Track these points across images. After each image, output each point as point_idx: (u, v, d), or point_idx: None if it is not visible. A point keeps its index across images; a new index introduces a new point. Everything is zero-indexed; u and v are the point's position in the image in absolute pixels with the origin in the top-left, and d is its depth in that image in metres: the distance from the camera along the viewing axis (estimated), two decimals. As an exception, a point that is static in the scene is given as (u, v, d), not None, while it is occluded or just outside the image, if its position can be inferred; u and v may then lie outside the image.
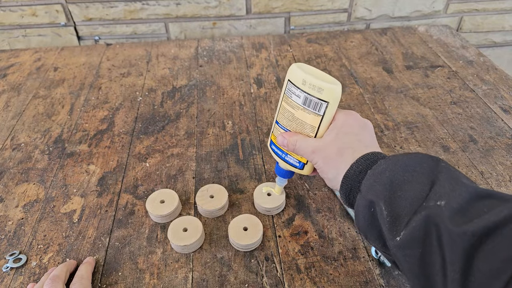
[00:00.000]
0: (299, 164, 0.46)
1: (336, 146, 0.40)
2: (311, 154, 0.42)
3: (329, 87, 0.40)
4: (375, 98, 0.81)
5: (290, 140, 0.44)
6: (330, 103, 0.40)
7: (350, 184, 0.38)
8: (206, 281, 0.49)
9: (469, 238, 0.27)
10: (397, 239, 0.31)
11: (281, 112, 0.45)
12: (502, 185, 0.60)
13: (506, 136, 0.70)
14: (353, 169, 0.38)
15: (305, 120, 0.42)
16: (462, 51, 0.96)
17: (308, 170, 0.47)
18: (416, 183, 0.32)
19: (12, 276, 0.50)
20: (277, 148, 0.48)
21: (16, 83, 0.88)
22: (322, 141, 0.42)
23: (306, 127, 0.43)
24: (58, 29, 1.05)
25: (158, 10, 1.04)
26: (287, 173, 0.51)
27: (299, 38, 1.04)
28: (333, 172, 0.40)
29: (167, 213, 0.55)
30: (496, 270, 0.25)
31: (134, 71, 0.91)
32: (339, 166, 0.39)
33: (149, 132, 0.73)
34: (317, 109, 0.41)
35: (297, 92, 0.42)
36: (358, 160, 0.38)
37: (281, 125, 0.46)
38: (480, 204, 0.29)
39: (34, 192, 0.61)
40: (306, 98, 0.41)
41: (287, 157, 0.47)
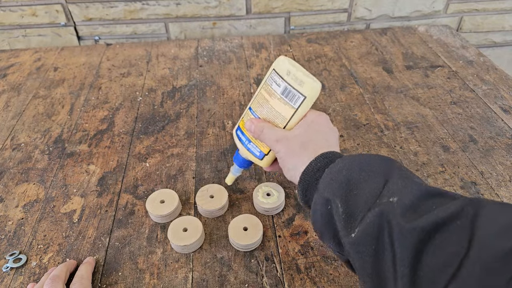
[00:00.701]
0: (259, 153, 0.46)
1: (301, 140, 0.41)
2: (275, 143, 0.42)
3: (310, 82, 0.41)
4: (375, 98, 0.81)
5: (258, 126, 0.44)
6: (307, 98, 0.42)
7: (308, 180, 0.38)
8: (206, 281, 0.49)
9: (419, 233, 0.28)
10: (351, 235, 0.32)
11: (257, 99, 0.46)
12: (502, 185, 0.60)
13: (506, 136, 0.70)
14: (312, 166, 0.39)
15: (279, 110, 0.43)
16: (462, 51, 0.96)
17: (266, 162, 0.47)
18: (371, 182, 0.33)
19: (12, 276, 0.50)
20: (242, 134, 0.47)
21: (16, 83, 0.88)
22: (289, 133, 0.43)
23: (278, 117, 0.43)
24: (58, 29, 1.05)
25: (158, 10, 1.04)
26: (245, 162, 0.50)
27: (299, 38, 1.04)
28: (294, 163, 0.40)
29: (167, 213, 0.55)
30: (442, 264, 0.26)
31: (134, 71, 0.91)
32: (300, 159, 0.40)
33: (149, 132, 0.73)
34: (293, 101, 0.42)
35: (278, 81, 0.42)
36: (317, 157, 0.39)
37: (254, 111, 0.46)
38: (430, 202, 0.30)
39: (34, 192, 0.61)
40: (286, 88, 0.42)
41: (250, 144, 0.47)
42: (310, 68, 0.91)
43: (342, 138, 0.70)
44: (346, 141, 0.70)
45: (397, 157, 0.66)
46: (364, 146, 0.69)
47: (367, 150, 0.68)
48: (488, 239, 0.26)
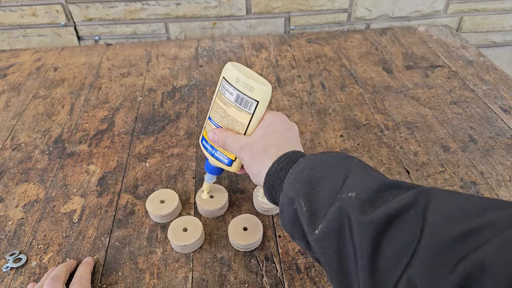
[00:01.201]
0: (227, 160, 0.47)
1: (262, 143, 0.42)
2: (239, 150, 0.43)
3: (259, 87, 0.42)
4: (375, 98, 0.81)
5: (220, 136, 0.45)
6: (260, 103, 0.43)
7: (272, 181, 0.39)
8: (206, 281, 0.49)
9: (375, 225, 0.28)
10: (315, 232, 0.33)
11: (214, 108, 0.46)
12: (502, 185, 0.60)
13: (506, 136, 0.70)
14: (274, 167, 0.39)
15: (236, 117, 0.44)
16: (462, 51, 0.96)
17: (236, 167, 0.48)
18: (332, 179, 0.34)
19: (12, 276, 0.50)
20: (208, 144, 0.48)
21: (16, 83, 0.88)
22: (250, 138, 0.43)
23: (237, 124, 0.44)
24: (58, 29, 1.05)
25: (158, 10, 1.04)
26: (216, 170, 0.51)
27: (299, 38, 1.04)
28: (258, 168, 0.41)
29: (167, 213, 0.55)
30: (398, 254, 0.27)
31: (134, 71, 0.91)
32: (263, 162, 0.41)
33: (149, 132, 0.73)
34: (247, 107, 0.43)
35: (230, 90, 0.43)
36: (279, 158, 0.40)
37: (214, 121, 0.47)
38: (387, 194, 0.31)
39: (34, 192, 0.61)
40: (238, 95, 0.43)
41: (217, 153, 0.48)
42: (310, 68, 0.91)
43: (342, 138, 0.70)
44: (346, 141, 0.70)
45: (397, 157, 0.66)
46: (364, 146, 0.69)
47: (367, 150, 0.68)
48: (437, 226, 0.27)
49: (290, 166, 0.38)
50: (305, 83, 0.86)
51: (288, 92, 0.83)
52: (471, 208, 0.27)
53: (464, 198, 0.28)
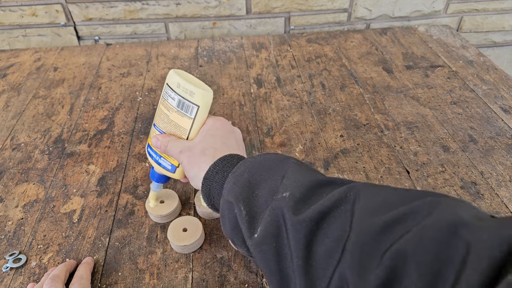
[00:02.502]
0: (171, 167, 0.47)
1: (200, 146, 0.42)
2: (179, 154, 0.43)
3: (200, 92, 0.42)
4: (375, 98, 0.81)
5: (162, 141, 0.45)
6: (201, 107, 0.43)
7: (209, 185, 0.39)
8: (206, 281, 0.49)
9: (307, 224, 0.28)
10: (254, 236, 0.32)
11: (158, 115, 0.47)
12: (502, 185, 0.60)
13: (506, 136, 0.70)
14: (211, 170, 0.39)
15: (179, 122, 0.44)
16: (462, 51, 0.96)
17: (179, 174, 0.47)
18: (270, 181, 0.34)
19: (12, 276, 0.50)
20: (152, 151, 0.48)
21: (16, 83, 0.88)
22: (190, 142, 0.44)
23: (179, 130, 0.45)
24: (58, 29, 1.05)
25: (158, 10, 1.04)
26: (161, 178, 0.50)
27: (299, 38, 1.04)
28: (195, 170, 0.41)
29: (167, 213, 0.55)
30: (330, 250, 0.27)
31: (134, 71, 0.91)
32: (200, 165, 0.40)
33: (149, 132, 0.73)
34: (189, 112, 0.43)
35: (172, 95, 0.44)
36: (216, 161, 0.39)
37: (158, 127, 0.47)
38: (321, 191, 0.31)
39: (34, 192, 0.61)
40: (180, 100, 0.43)
41: (161, 160, 0.47)
42: (310, 68, 0.91)
43: (342, 138, 0.70)
44: (346, 141, 0.70)
45: (397, 157, 0.66)
46: (364, 146, 0.69)
47: (367, 150, 0.68)
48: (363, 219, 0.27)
49: (227, 169, 0.38)
50: (305, 83, 0.86)
51: (288, 92, 0.83)
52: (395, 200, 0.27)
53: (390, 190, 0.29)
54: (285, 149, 0.68)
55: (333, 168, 0.64)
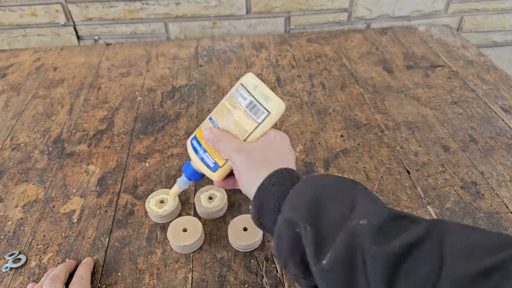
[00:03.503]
0: (214, 165, 0.44)
1: (263, 153, 0.40)
2: (234, 152, 0.41)
3: (276, 99, 0.41)
4: (375, 98, 0.81)
5: (216, 134, 0.42)
6: (271, 115, 0.41)
7: (264, 194, 0.37)
8: (206, 281, 0.48)
9: (391, 257, 0.28)
10: (323, 262, 0.30)
11: (219, 110, 0.45)
12: (502, 185, 0.60)
13: (507, 136, 0.70)
14: (268, 180, 0.37)
15: (242, 122, 0.42)
16: (462, 51, 0.96)
17: (220, 175, 0.44)
18: (338, 204, 0.33)
19: (12, 276, 0.50)
20: (198, 143, 0.46)
21: (15, 83, 0.88)
22: (249, 145, 0.41)
23: (239, 130, 0.43)
24: (58, 29, 1.05)
25: (157, 10, 1.04)
26: (195, 175, 0.47)
27: (299, 38, 1.04)
28: (252, 176, 0.39)
29: (167, 213, 0.55)
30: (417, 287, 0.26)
31: (133, 71, 0.91)
32: (258, 171, 0.39)
33: (148, 132, 0.73)
34: (257, 115, 0.42)
35: (245, 95, 0.42)
36: (276, 171, 0.38)
37: (214, 121, 0.45)
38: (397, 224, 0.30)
39: (33, 192, 0.61)
40: (252, 102, 0.42)
41: (204, 154, 0.45)
42: (310, 68, 0.91)
43: (342, 138, 0.70)
44: (346, 141, 0.69)
45: (398, 157, 0.66)
46: (364, 146, 0.68)
47: (367, 150, 0.67)
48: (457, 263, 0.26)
49: (286, 183, 0.36)
50: (305, 83, 0.86)
51: (288, 92, 0.83)
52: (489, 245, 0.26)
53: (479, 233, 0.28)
54: (285, 149, 0.68)
55: (333, 168, 0.64)
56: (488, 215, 0.56)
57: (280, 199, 0.36)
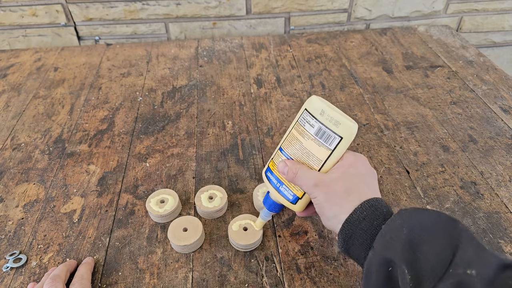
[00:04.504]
0: (292, 197, 0.43)
1: (343, 185, 0.38)
2: (313, 187, 0.39)
3: (347, 122, 0.39)
4: (375, 98, 0.81)
5: (291, 168, 0.41)
6: (344, 139, 0.40)
7: (352, 230, 0.35)
8: (206, 281, 0.49)
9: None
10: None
11: (288, 140, 0.43)
12: (502, 185, 0.60)
13: (506, 136, 0.70)
14: (356, 214, 0.36)
15: (313, 151, 0.41)
16: (462, 51, 0.96)
17: (300, 206, 0.44)
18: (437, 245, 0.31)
19: (12, 276, 0.50)
20: (273, 176, 0.45)
21: (16, 83, 0.88)
22: (327, 176, 0.39)
23: (312, 159, 0.41)
24: (58, 29, 1.05)
25: (158, 10, 1.04)
26: (276, 206, 0.46)
27: (299, 38, 1.04)
28: (335, 211, 0.37)
29: (167, 213, 0.55)
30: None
31: (134, 71, 0.92)
32: (342, 205, 0.37)
33: (149, 132, 0.73)
34: (328, 142, 0.40)
35: (312, 122, 0.41)
36: (363, 205, 0.36)
37: (285, 152, 0.43)
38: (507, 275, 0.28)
39: (34, 192, 0.61)
40: (320, 128, 0.40)
41: (282, 187, 0.44)
42: (310, 68, 0.91)
43: (342, 138, 0.71)
44: (346, 141, 0.70)
45: (397, 157, 0.66)
46: (364, 146, 0.69)
47: (367, 150, 0.68)
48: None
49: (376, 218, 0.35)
50: (305, 83, 0.86)
51: (288, 92, 0.83)
52: None
53: None
54: (285, 149, 0.68)
55: (333, 168, 0.64)
56: (487, 215, 0.56)
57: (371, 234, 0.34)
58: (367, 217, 0.35)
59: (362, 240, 0.35)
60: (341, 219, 0.36)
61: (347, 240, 0.36)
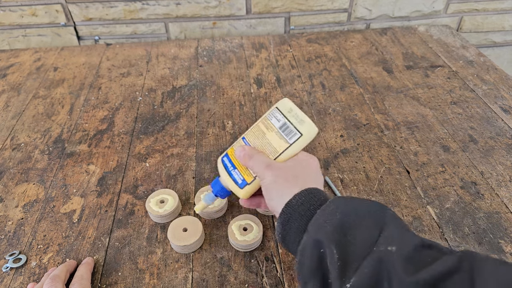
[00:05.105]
0: (242, 181, 0.45)
1: (292, 172, 0.41)
2: (264, 168, 0.41)
3: (310, 123, 0.43)
4: (375, 98, 0.81)
5: (248, 152, 0.44)
6: (303, 137, 0.43)
7: (290, 213, 0.37)
8: (206, 281, 0.49)
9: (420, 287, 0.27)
10: (347, 286, 0.30)
11: (253, 131, 0.47)
12: (502, 185, 0.60)
13: (506, 136, 0.70)
14: (296, 198, 0.38)
15: (273, 142, 0.44)
16: (462, 51, 0.96)
17: (246, 193, 0.45)
18: (366, 228, 0.33)
19: (12, 276, 0.50)
20: (228, 160, 0.47)
21: (16, 83, 0.88)
22: (280, 163, 0.42)
23: (270, 149, 0.44)
24: (58, 29, 1.05)
25: (158, 10, 1.04)
26: (222, 191, 0.48)
27: (299, 38, 1.04)
28: (279, 193, 0.39)
29: (167, 213, 0.55)
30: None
31: (134, 71, 0.91)
32: (286, 189, 0.39)
33: (149, 132, 0.73)
34: (289, 137, 0.43)
35: (279, 117, 0.45)
36: (304, 191, 0.38)
37: (247, 141, 0.46)
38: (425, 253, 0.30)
39: (34, 192, 0.61)
40: (285, 123, 0.44)
41: (234, 171, 0.46)
42: (310, 68, 0.91)
43: (342, 138, 0.70)
44: (346, 141, 0.70)
45: (397, 157, 0.66)
46: (364, 146, 0.69)
47: (367, 150, 0.68)
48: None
49: (314, 203, 0.37)
50: (305, 83, 0.86)
51: (288, 92, 0.83)
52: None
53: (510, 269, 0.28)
54: (285, 149, 0.68)
55: (333, 168, 0.64)
56: (487, 215, 0.56)
57: (307, 218, 0.36)
58: (305, 202, 0.37)
59: (298, 224, 0.37)
60: (284, 201, 0.38)
61: (285, 223, 0.37)
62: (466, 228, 0.54)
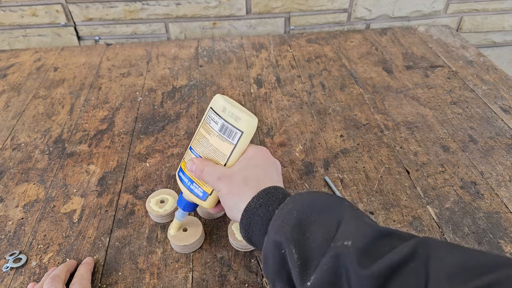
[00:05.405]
0: (202, 194, 0.45)
1: (242, 175, 0.40)
2: (217, 181, 0.41)
3: (246, 117, 0.42)
4: (375, 98, 0.81)
5: (198, 165, 0.43)
6: (244, 134, 0.42)
7: (250, 218, 0.37)
8: (206, 281, 0.49)
9: (376, 279, 0.27)
10: (307, 284, 0.30)
11: (197, 138, 0.46)
12: (502, 185, 0.60)
13: (506, 136, 0.70)
14: (254, 202, 0.37)
15: (218, 147, 0.43)
16: (462, 51, 0.96)
17: (210, 203, 0.45)
18: (323, 224, 0.32)
19: (12, 276, 0.50)
20: (184, 175, 0.46)
21: (16, 83, 0.88)
22: (229, 169, 0.42)
23: (218, 155, 0.43)
24: (58, 29, 1.05)
25: (158, 10, 1.04)
26: (189, 206, 0.48)
27: (299, 38, 1.04)
28: (235, 200, 0.39)
29: (167, 213, 0.55)
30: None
31: (134, 71, 0.91)
32: (241, 195, 0.38)
33: (149, 132, 0.73)
34: (231, 137, 0.42)
35: (216, 119, 0.43)
36: (260, 193, 0.37)
37: (194, 151, 0.45)
38: (382, 243, 0.30)
39: (34, 192, 0.61)
40: (223, 125, 0.43)
41: (193, 185, 0.45)
42: (310, 68, 0.91)
43: (342, 138, 0.71)
44: (346, 141, 0.70)
45: (397, 157, 0.66)
46: (364, 146, 0.69)
47: (367, 150, 0.68)
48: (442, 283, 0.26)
49: (272, 203, 0.36)
50: (305, 83, 0.86)
51: (288, 92, 0.83)
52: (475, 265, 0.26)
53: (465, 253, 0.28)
54: (285, 149, 0.68)
55: (333, 168, 0.64)
56: (487, 215, 0.56)
57: (267, 220, 0.36)
58: (263, 204, 0.37)
59: (259, 226, 0.36)
60: (241, 208, 0.38)
61: (247, 228, 0.37)
62: (466, 228, 0.54)
